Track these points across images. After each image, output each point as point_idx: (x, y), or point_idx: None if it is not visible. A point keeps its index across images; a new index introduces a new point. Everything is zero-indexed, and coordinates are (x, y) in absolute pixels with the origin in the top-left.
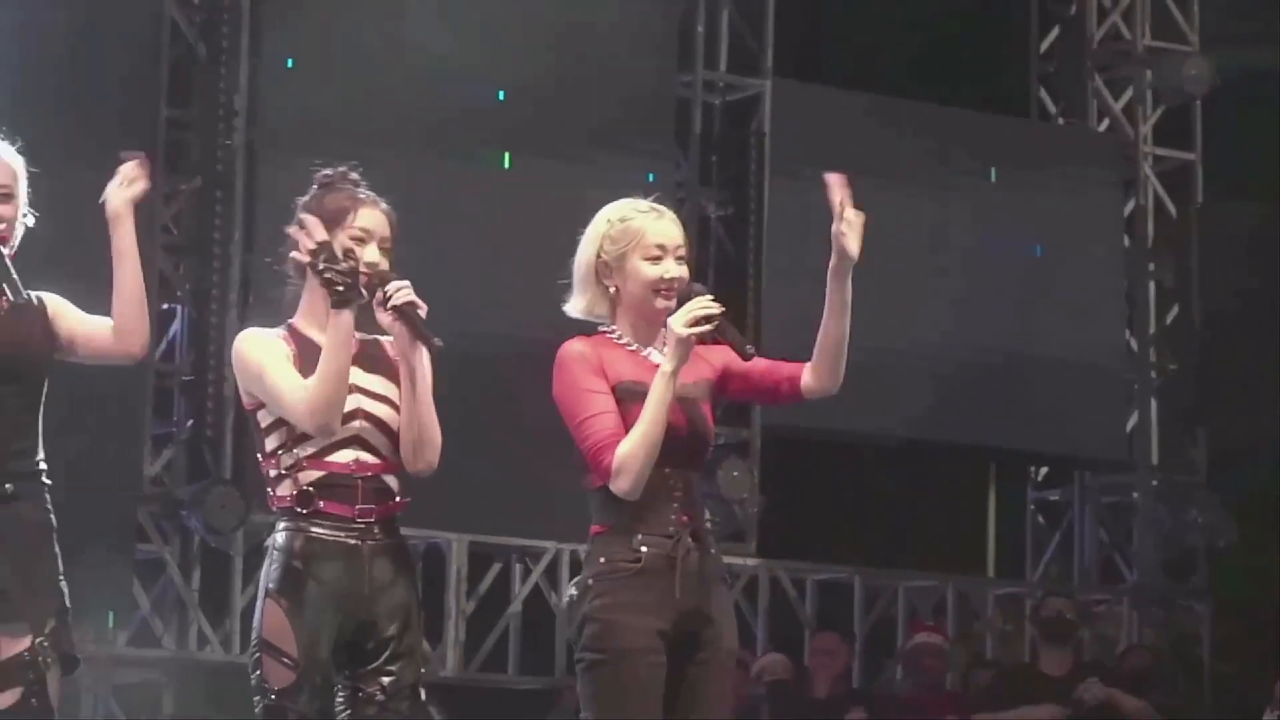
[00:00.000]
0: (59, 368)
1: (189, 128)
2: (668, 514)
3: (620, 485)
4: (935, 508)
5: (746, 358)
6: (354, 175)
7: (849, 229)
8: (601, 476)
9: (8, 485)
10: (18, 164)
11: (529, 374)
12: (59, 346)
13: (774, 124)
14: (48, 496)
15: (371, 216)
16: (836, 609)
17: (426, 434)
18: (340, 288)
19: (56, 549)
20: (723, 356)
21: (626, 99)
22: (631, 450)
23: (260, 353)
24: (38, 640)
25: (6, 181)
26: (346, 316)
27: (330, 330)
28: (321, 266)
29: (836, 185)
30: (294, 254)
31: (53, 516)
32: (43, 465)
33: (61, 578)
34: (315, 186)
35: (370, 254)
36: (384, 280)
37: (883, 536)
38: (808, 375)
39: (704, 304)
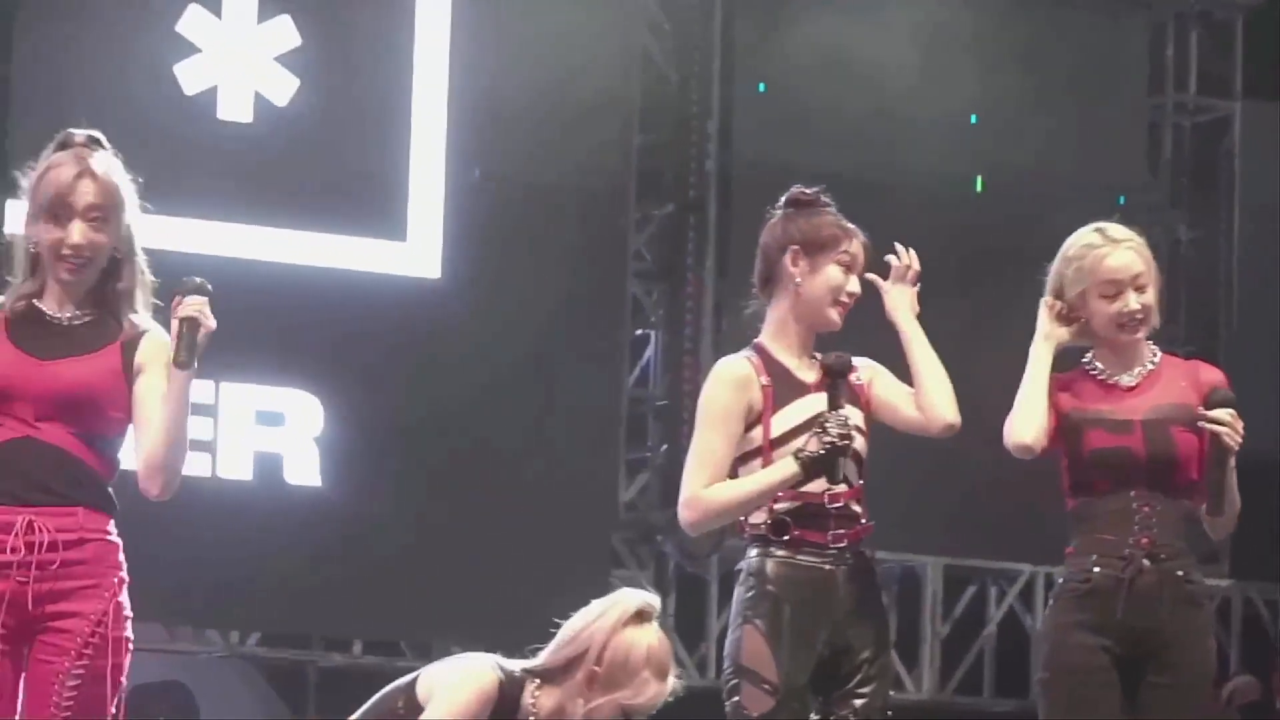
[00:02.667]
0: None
1: (662, 153)
2: (1126, 536)
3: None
4: None
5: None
6: (825, 198)
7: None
8: None
9: None
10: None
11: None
12: None
13: (1244, 146)
14: None
15: (856, 245)
16: None
17: None
18: (822, 456)
19: None
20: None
21: (1097, 122)
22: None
23: (703, 407)
24: None
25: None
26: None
27: (772, 476)
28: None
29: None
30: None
31: None
32: None
33: None
34: (790, 207)
35: (852, 285)
36: None
37: None
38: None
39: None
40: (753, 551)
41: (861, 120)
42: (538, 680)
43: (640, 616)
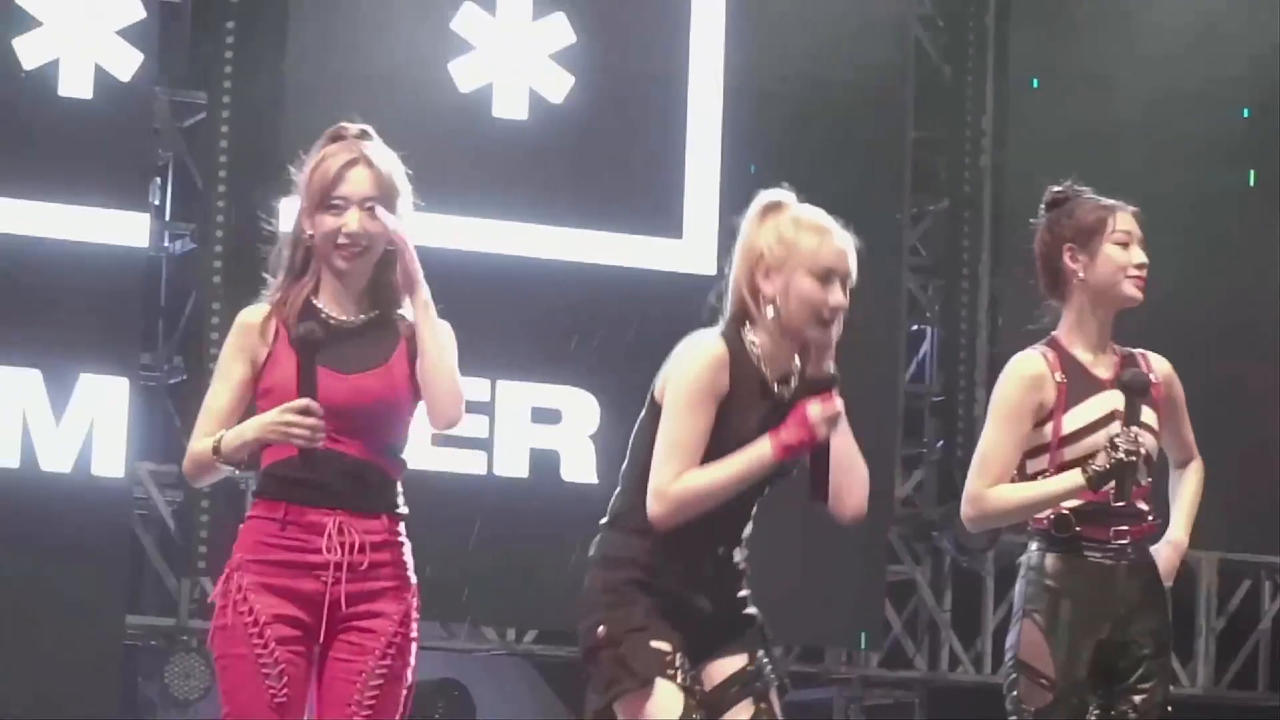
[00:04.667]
0: None
1: (936, 149)
2: None
3: None
4: None
5: None
6: (1083, 188)
7: None
8: None
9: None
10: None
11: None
12: None
13: None
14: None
15: (1125, 218)
16: None
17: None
18: (1108, 472)
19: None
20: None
21: None
22: None
23: (993, 403)
24: (757, 655)
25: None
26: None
27: (1056, 486)
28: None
29: None
30: None
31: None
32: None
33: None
34: (1051, 209)
35: (1136, 255)
36: None
37: None
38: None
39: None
40: (1033, 546)
41: (1131, 114)
42: (744, 323)
43: (772, 207)
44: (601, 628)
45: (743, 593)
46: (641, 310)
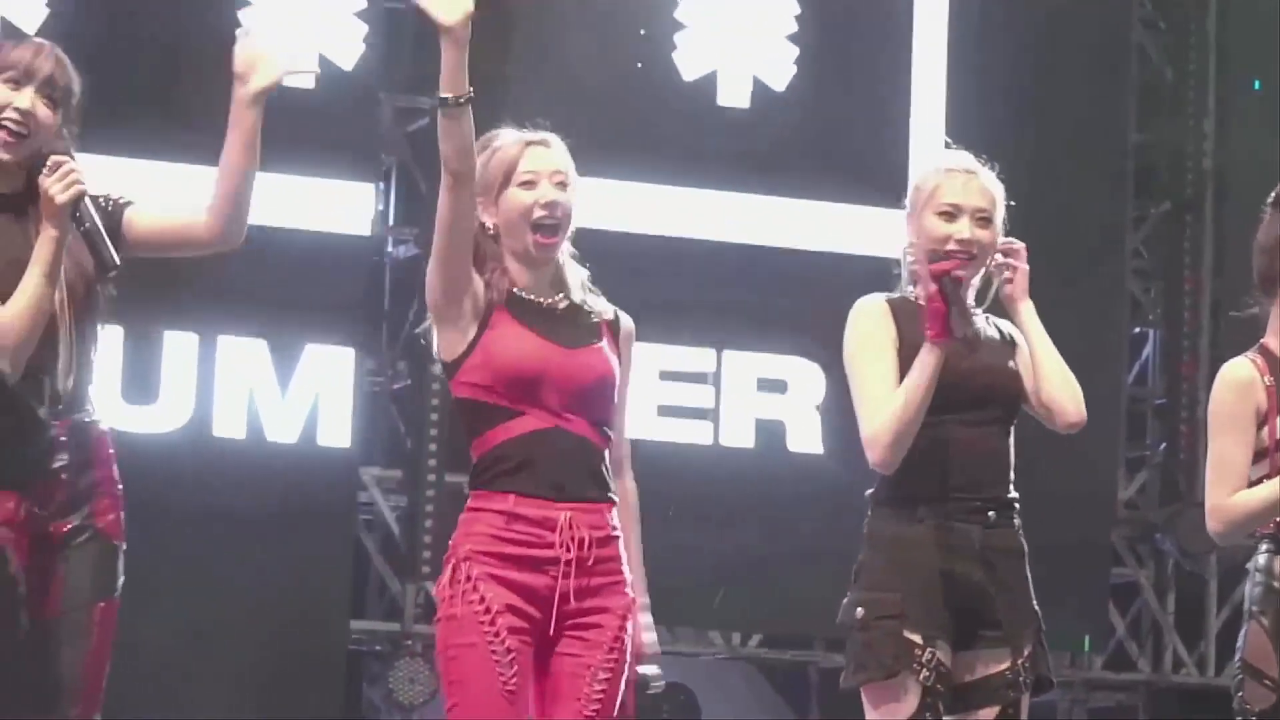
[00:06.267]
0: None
1: (1158, 151)
2: None
3: None
4: None
5: None
6: None
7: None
8: None
9: (991, 513)
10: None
11: None
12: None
13: None
14: (1018, 522)
15: None
16: None
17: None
18: None
19: (1029, 573)
20: None
21: None
22: None
23: (1211, 414)
24: (1018, 661)
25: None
26: None
27: None
28: None
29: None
30: None
31: (1024, 541)
32: (1014, 492)
33: (1034, 601)
34: (1278, 205)
35: None
36: None
37: None
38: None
39: None
40: (1262, 548)
41: None
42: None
43: None
44: (860, 610)
45: (1021, 568)
46: (864, 286)
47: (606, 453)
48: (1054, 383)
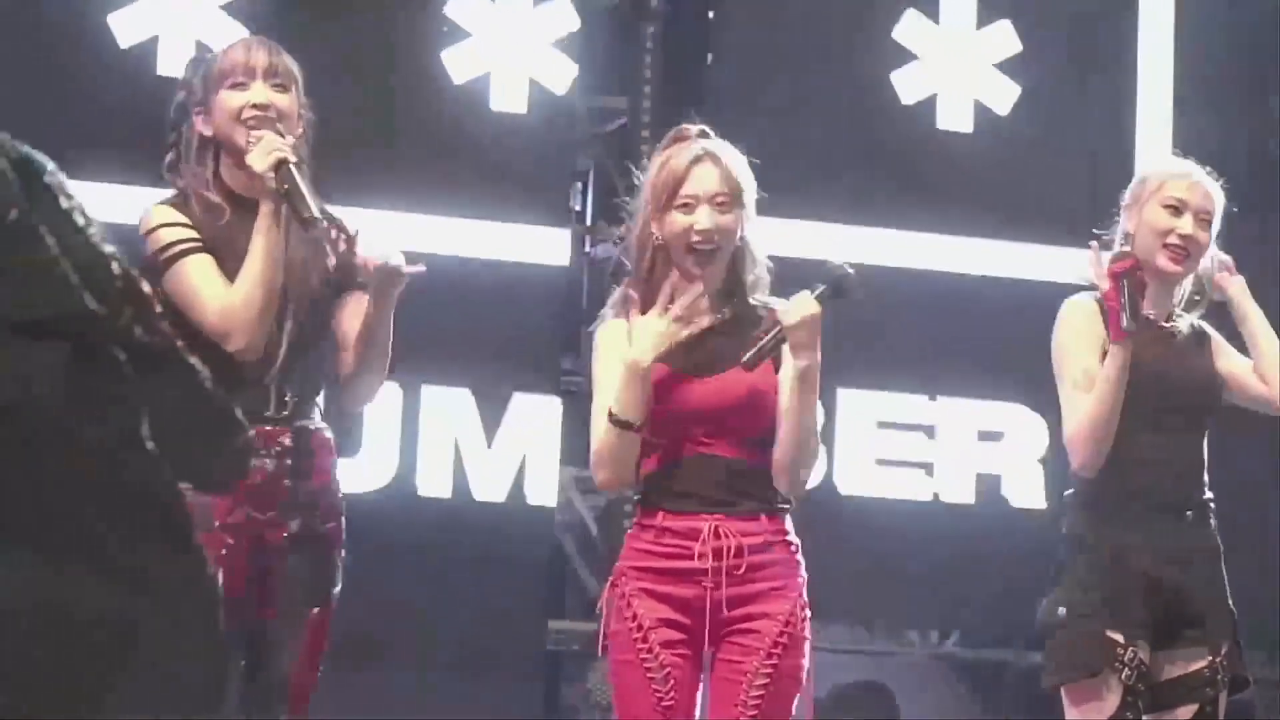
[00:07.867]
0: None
1: None
2: None
3: None
4: None
5: None
6: None
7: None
8: None
9: (1188, 513)
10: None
11: None
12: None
13: None
14: (1214, 522)
15: None
16: None
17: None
18: None
19: (1225, 572)
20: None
21: None
22: None
23: None
24: (1216, 660)
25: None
26: None
27: None
28: None
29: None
30: None
31: (1219, 541)
32: (1209, 493)
33: (1230, 600)
34: None
35: None
36: None
37: None
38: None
39: None
40: None
41: None
42: None
43: None
44: (1061, 609)
45: (1217, 567)
46: None
47: (763, 465)
48: (1269, 359)
